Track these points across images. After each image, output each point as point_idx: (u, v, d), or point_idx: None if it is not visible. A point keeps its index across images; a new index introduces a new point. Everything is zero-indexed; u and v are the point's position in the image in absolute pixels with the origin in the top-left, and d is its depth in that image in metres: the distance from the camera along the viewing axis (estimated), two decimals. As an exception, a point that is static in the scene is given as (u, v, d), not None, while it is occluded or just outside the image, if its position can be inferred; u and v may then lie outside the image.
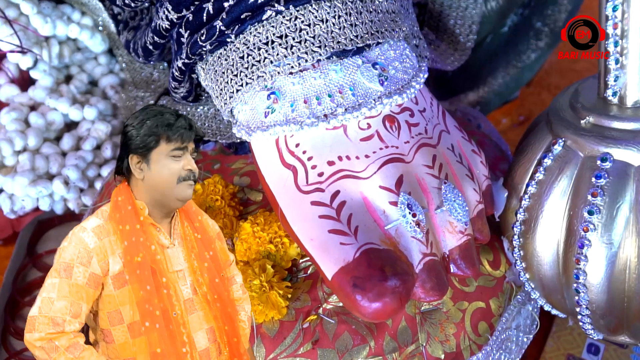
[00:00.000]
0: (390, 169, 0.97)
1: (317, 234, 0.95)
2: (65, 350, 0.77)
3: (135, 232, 0.82)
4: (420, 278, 0.95)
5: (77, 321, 0.80)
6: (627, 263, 0.92)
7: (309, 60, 0.97)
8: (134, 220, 0.83)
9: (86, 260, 0.80)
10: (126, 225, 0.82)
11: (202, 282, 0.87)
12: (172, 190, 0.84)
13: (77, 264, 0.80)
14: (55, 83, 1.52)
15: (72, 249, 0.81)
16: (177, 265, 0.86)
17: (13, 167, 1.41)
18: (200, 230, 0.90)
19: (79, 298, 0.80)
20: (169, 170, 0.84)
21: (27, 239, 1.45)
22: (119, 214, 0.83)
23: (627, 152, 0.91)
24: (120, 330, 0.83)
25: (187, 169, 0.85)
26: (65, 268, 0.80)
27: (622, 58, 0.92)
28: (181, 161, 0.84)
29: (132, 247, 0.82)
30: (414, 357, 1.04)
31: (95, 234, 0.82)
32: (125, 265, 0.81)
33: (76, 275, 0.80)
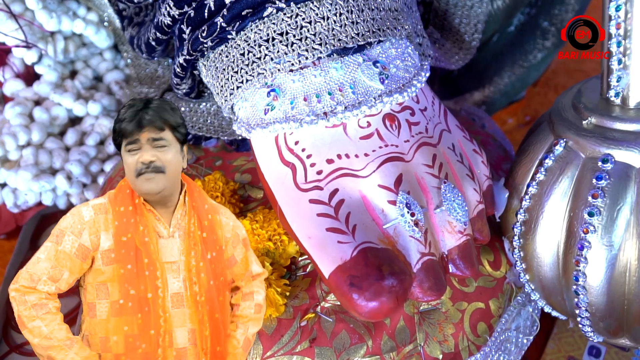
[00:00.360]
0: (389, 168, 0.96)
1: (315, 232, 0.94)
2: (31, 306, 0.79)
3: (128, 213, 0.84)
4: (418, 278, 0.94)
5: (54, 285, 0.82)
6: (628, 265, 0.91)
7: (310, 57, 0.97)
8: (129, 202, 0.85)
9: (78, 230, 0.83)
10: (121, 207, 0.84)
11: (196, 281, 0.87)
12: (134, 184, 0.85)
13: (69, 233, 0.83)
14: (60, 78, 1.53)
15: (69, 218, 0.84)
16: (170, 257, 0.86)
17: (17, 161, 1.41)
18: (207, 229, 0.89)
19: (62, 265, 0.82)
20: (127, 166, 0.84)
21: (30, 233, 1.45)
22: (120, 196, 0.86)
23: (628, 154, 0.90)
24: (104, 305, 0.84)
25: (141, 161, 0.84)
26: (58, 234, 0.83)
27: (625, 58, 0.91)
28: (137, 154, 0.84)
29: (122, 226, 0.83)
30: (411, 357, 1.03)
31: (93, 209, 0.85)
32: (114, 244, 0.83)
33: (65, 243, 0.82)
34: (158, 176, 0.84)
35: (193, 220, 0.88)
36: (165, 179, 0.84)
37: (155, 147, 0.84)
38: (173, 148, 0.86)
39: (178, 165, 0.87)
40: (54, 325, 0.81)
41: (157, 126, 0.84)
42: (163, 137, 0.85)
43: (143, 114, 0.84)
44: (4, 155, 1.40)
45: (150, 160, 0.83)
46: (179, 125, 0.87)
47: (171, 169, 0.85)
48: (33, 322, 0.80)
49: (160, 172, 0.84)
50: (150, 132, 0.84)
